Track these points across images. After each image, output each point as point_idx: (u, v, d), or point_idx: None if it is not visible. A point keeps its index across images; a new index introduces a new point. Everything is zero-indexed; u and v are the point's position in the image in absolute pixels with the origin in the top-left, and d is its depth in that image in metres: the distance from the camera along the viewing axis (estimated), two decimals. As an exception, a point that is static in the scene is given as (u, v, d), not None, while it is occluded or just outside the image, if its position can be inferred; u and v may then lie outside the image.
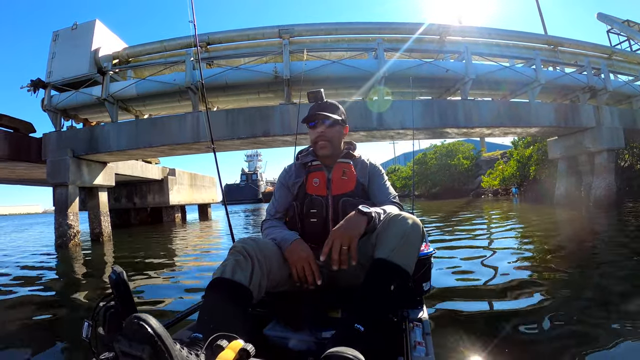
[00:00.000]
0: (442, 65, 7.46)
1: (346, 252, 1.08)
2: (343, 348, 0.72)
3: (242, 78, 7.24)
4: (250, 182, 76.73)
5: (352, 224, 1.12)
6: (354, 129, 6.98)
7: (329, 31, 8.11)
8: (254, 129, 7.10)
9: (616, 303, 2.05)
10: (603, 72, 8.85)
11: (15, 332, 2.20)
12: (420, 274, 1.35)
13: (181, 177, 14.24)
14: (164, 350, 0.60)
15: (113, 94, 7.32)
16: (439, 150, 28.28)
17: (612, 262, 3.14)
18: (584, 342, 1.54)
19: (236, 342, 0.73)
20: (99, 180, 8.19)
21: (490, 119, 7.70)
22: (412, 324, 1.10)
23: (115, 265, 0.81)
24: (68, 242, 7.22)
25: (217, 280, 1.00)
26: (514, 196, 17.86)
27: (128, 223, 13.90)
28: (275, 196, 1.47)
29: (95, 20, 7.82)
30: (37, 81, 7.68)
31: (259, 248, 1.10)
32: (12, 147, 7.10)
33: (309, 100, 1.46)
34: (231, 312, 0.94)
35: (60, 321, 2.41)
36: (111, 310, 0.79)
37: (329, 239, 1.11)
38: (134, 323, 0.60)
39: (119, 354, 0.62)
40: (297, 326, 1.12)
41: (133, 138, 7.30)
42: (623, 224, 5.76)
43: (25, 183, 12.10)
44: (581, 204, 9.28)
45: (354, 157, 1.45)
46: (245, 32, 7.94)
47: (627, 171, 12.10)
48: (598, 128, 8.73)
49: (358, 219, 1.13)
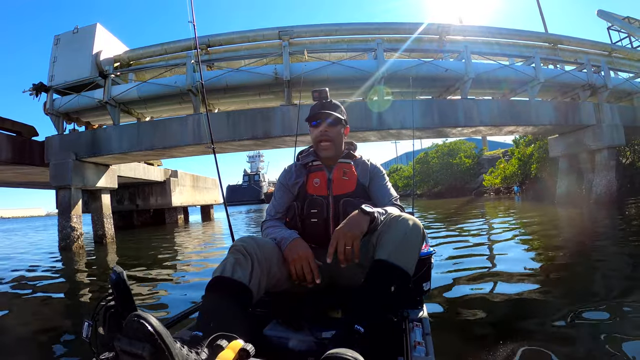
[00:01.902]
0: (442, 65, 7.46)
1: (350, 251, 1.09)
2: (343, 349, 0.72)
3: (243, 80, 7.26)
4: (253, 182, 76.74)
5: (355, 223, 1.12)
6: (354, 129, 6.98)
7: (328, 32, 8.12)
8: (255, 130, 7.12)
9: (619, 303, 2.03)
10: (603, 70, 8.81)
11: (16, 333, 2.21)
12: (421, 274, 1.35)
13: (183, 178, 14.28)
14: (165, 348, 0.60)
15: (115, 97, 7.35)
16: (440, 149, 28.19)
17: (612, 261, 3.13)
18: (584, 342, 1.54)
19: (236, 342, 0.73)
20: (101, 182, 8.23)
21: (490, 118, 7.70)
22: (412, 324, 1.10)
23: (115, 265, 0.81)
24: (72, 245, 7.25)
25: (217, 279, 1.00)
26: (516, 194, 17.82)
27: (131, 225, 13.93)
28: (275, 197, 1.47)
29: (96, 24, 7.86)
30: (39, 85, 7.73)
31: (259, 247, 1.10)
32: (15, 150, 7.15)
33: (314, 98, 1.46)
34: (231, 311, 0.94)
35: (62, 321, 2.42)
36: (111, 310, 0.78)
37: (333, 239, 1.11)
38: (135, 321, 0.60)
39: (119, 352, 0.62)
40: (297, 326, 1.12)
41: (135, 140, 7.33)
42: (623, 221, 5.73)
43: (28, 186, 12.16)
44: (582, 202, 9.25)
45: (354, 157, 1.45)
46: (245, 34, 7.96)
47: (628, 168, 12.04)
48: (598, 126, 8.70)
49: (360, 219, 1.13)
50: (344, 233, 1.10)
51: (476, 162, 26.36)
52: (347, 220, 1.14)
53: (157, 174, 12.51)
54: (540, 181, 15.02)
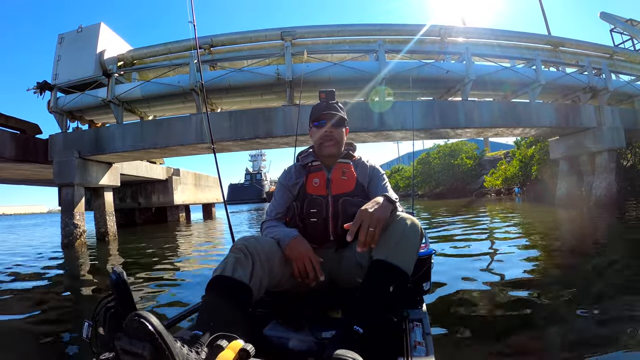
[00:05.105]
0: (443, 67, 7.46)
1: (372, 234, 1.05)
2: (343, 351, 0.73)
3: (245, 80, 7.27)
4: (255, 181, 76.88)
5: (381, 207, 1.10)
6: (355, 129, 6.98)
7: (330, 33, 8.13)
8: (257, 130, 7.13)
9: (619, 303, 2.02)
10: (604, 72, 8.78)
11: (16, 332, 2.21)
12: (420, 274, 1.35)
13: (185, 177, 14.30)
14: (165, 347, 0.60)
15: (118, 96, 7.39)
16: (442, 150, 28.16)
17: (612, 261, 3.12)
18: (585, 342, 1.54)
19: (236, 342, 0.74)
20: (104, 180, 8.27)
21: (491, 119, 7.69)
22: (412, 324, 1.10)
23: (115, 266, 0.81)
24: (74, 242, 7.30)
25: (217, 278, 1.00)
26: (516, 195, 17.80)
27: (133, 222, 13.96)
28: (275, 197, 1.47)
29: (100, 23, 7.89)
30: (43, 83, 7.77)
31: (261, 246, 1.10)
32: (19, 148, 7.18)
33: (320, 98, 1.46)
34: (231, 310, 0.94)
35: (63, 321, 2.43)
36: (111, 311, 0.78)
37: (357, 219, 1.08)
38: (135, 320, 0.61)
39: (119, 351, 0.62)
40: (297, 326, 1.12)
41: (138, 139, 7.36)
42: (622, 222, 5.72)
43: (30, 183, 12.21)
44: (582, 204, 9.23)
45: (353, 157, 1.45)
46: (247, 35, 7.98)
47: (629, 171, 12.00)
48: (599, 128, 8.68)
49: (386, 205, 1.12)
50: (370, 214, 1.07)
51: (477, 163, 26.33)
52: (373, 203, 1.12)
53: (160, 172, 12.54)
54: (540, 183, 14.99)
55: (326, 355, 0.79)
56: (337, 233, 1.30)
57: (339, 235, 1.29)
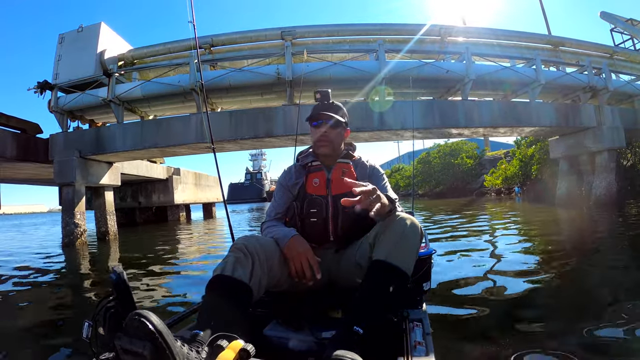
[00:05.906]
0: (443, 66, 7.47)
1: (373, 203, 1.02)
2: (342, 351, 0.73)
3: (245, 79, 7.28)
4: (255, 181, 76.93)
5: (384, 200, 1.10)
6: (355, 129, 6.98)
7: (330, 33, 8.13)
8: (257, 130, 7.13)
9: (618, 303, 2.02)
10: (604, 72, 8.78)
11: (16, 332, 2.21)
12: (421, 274, 1.35)
13: (186, 176, 14.31)
14: (165, 347, 0.60)
15: (119, 96, 7.39)
16: (442, 149, 28.17)
17: (611, 261, 3.12)
18: (585, 342, 1.54)
19: (236, 342, 0.74)
20: (105, 179, 8.28)
21: (491, 119, 7.69)
22: (412, 324, 1.10)
23: (115, 265, 0.81)
24: (75, 241, 7.31)
25: (217, 278, 1.00)
26: (516, 195, 17.79)
27: (133, 222, 13.96)
28: (275, 198, 1.47)
29: (100, 23, 7.88)
30: (43, 83, 7.77)
31: (261, 246, 1.10)
32: (20, 147, 7.19)
33: (316, 98, 1.46)
34: (231, 310, 0.94)
35: (63, 320, 2.42)
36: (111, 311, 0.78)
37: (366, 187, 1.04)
38: (135, 319, 0.61)
39: (119, 351, 0.62)
40: (297, 326, 1.12)
41: (138, 138, 7.37)
42: (621, 222, 5.72)
43: (31, 183, 12.22)
44: (582, 204, 9.23)
45: (353, 157, 1.45)
46: (247, 35, 7.98)
47: (629, 170, 12.00)
48: (599, 128, 8.68)
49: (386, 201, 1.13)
50: (378, 192, 1.06)
51: (478, 162, 26.33)
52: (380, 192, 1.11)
53: (160, 171, 12.55)
54: (540, 182, 14.99)
55: (326, 355, 0.79)
56: (337, 233, 1.30)
57: (338, 235, 1.30)
